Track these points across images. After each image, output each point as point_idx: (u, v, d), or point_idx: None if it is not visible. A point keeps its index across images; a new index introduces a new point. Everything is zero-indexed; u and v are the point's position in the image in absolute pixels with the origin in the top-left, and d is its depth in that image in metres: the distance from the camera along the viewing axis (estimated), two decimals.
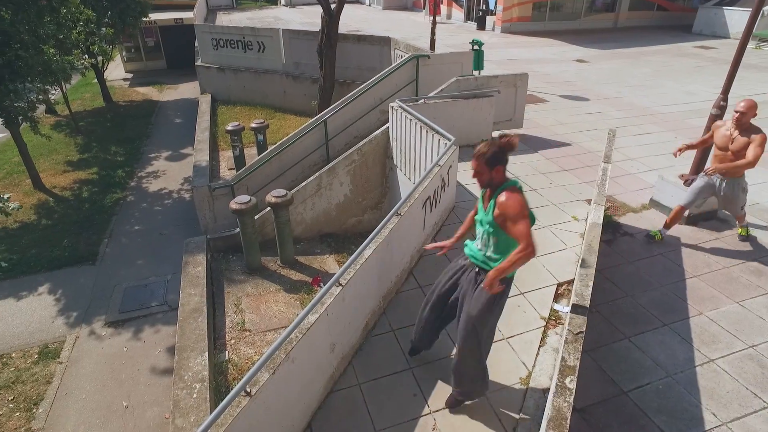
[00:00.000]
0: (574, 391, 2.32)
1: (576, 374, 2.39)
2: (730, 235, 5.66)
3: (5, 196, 5.67)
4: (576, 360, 2.49)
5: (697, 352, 4.00)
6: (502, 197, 2.76)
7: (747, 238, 5.56)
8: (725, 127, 5.04)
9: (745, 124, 4.86)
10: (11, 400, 5.60)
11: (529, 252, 2.65)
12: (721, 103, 5.71)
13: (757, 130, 4.85)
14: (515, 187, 2.80)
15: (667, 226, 5.57)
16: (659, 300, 4.65)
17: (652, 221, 6.03)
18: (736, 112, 4.85)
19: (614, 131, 5.96)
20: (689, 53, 17.81)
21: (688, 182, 5.80)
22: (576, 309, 2.94)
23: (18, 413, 5.44)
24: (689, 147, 5.45)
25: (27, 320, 6.93)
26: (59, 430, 5.25)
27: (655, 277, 5.00)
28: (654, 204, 6.36)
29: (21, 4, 8.51)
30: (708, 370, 3.81)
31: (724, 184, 5.15)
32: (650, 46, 19.32)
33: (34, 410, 5.47)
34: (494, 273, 2.79)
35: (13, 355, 6.28)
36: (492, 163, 2.76)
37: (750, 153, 4.77)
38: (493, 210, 2.81)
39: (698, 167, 6.01)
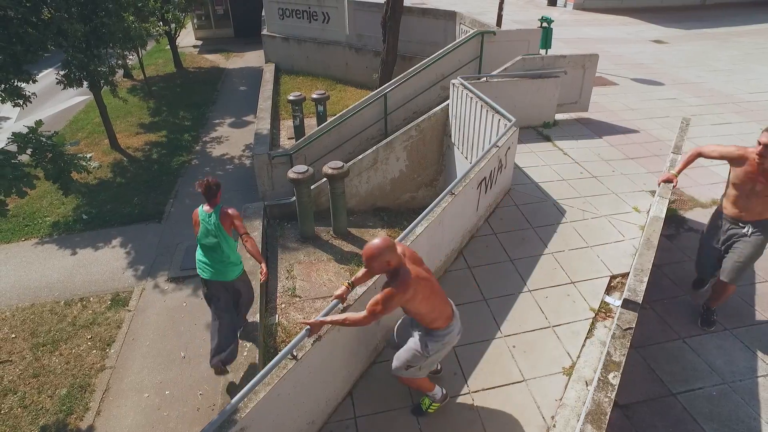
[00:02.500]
0: (616, 387, 2.28)
1: (621, 370, 2.35)
2: None
3: (88, 156, 6.16)
4: (622, 356, 2.44)
5: (762, 362, 3.78)
6: None
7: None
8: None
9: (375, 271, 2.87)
10: (89, 338, 6.21)
11: None
12: None
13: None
14: None
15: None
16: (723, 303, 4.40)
17: None
18: None
19: (688, 120, 5.59)
20: None
21: None
22: (627, 304, 2.86)
23: (94, 351, 6.03)
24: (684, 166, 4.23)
25: (102, 269, 7.58)
26: (127, 370, 5.77)
27: None
28: None
29: None
30: None
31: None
32: (742, 25, 17.59)
33: (107, 350, 6.04)
34: None
35: (91, 299, 6.92)
36: None
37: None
38: None
39: None
